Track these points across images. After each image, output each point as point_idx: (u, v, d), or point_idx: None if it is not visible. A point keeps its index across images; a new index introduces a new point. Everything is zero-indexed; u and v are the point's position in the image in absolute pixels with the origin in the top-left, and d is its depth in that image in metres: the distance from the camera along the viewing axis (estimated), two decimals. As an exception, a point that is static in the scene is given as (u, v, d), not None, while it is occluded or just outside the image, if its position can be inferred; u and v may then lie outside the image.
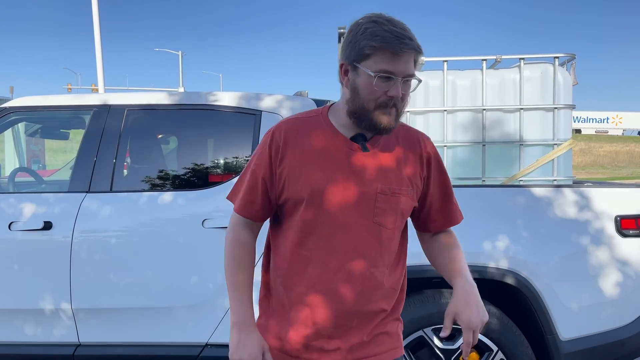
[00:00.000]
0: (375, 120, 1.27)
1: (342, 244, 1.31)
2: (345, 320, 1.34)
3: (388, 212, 1.33)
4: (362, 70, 1.25)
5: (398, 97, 1.25)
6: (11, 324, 2.50)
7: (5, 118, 2.73)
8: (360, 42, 1.24)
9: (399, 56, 1.22)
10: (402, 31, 1.23)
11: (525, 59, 2.78)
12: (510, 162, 2.77)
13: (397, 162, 1.35)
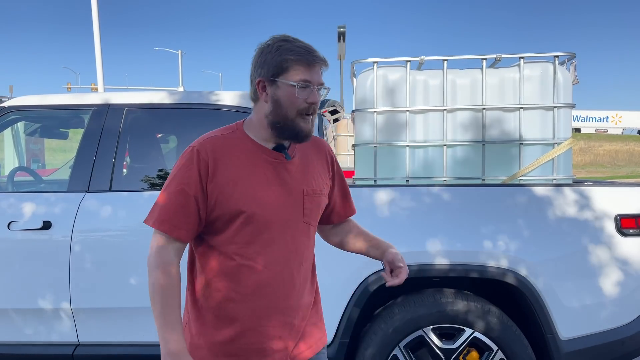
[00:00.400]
0: (297, 128, 1.40)
1: (281, 247, 1.42)
2: (291, 317, 1.45)
3: (313, 211, 1.49)
4: (282, 83, 1.37)
5: (317, 103, 1.40)
6: (11, 324, 2.50)
7: (5, 117, 2.72)
8: (276, 59, 1.37)
9: (312, 67, 1.38)
10: (310, 46, 1.41)
11: (525, 58, 2.77)
12: (510, 161, 2.77)
13: (313, 166, 1.51)
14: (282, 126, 1.40)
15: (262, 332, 1.42)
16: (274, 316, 1.42)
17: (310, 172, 1.50)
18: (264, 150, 1.44)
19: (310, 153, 1.53)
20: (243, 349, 1.42)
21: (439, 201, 2.45)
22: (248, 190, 1.39)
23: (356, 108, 2.87)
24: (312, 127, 1.42)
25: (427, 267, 2.37)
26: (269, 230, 1.41)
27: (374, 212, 2.45)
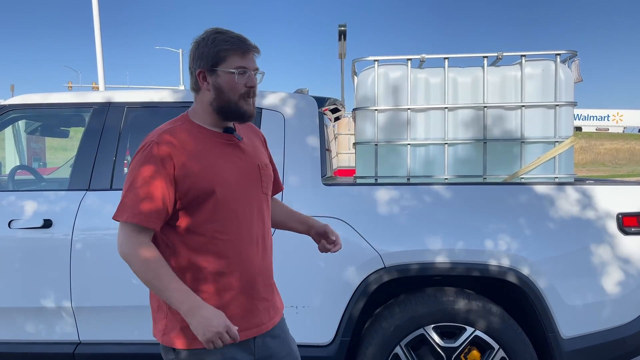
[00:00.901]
0: (241, 110, 1.54)
1: (251, 218, 1.56)
2: (268, 278, 1.62)
3: (268, 182, 1.65)
4: (221, 72, 1.51)
5: (255, 86, 1.54)
6: (12, 323, 2.50)
7: (5, 116, 2.72)
8: (213, 50, 1.50)
9: (247, 54, 1.52)
10: (241, 35, 1.54)
11: (527, 56, 2.76)
12: (512, 159, 2.76)
13: (256, 145, 1.69)
14: (227, 110, 1.54)
15: (251, 293, 1.55)
16: (256, 279, 1.56)
17: (257, 149, 1.67)
18: (216, 134, 1.57)
19: (250, 134, 1.71)
20: (237, 313, 1.52)
21: (440, 200, 2.45)
22: (213, 170, 1.50)
23: (357, 106, 2.86)
24: (254, 107, 1.57)
25: (429, 265, 2.37)
26: (239, 203, 1.53)
27: (375, 210, 2.44)
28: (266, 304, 1.59)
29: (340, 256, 2.41)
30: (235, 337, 1.39)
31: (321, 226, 1.76)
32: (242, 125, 1.68)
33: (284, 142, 2.59)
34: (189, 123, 1.56)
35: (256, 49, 1.55)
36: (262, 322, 1.57)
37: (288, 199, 2.48)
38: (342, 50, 14.67)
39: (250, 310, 1.55)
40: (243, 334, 1.52)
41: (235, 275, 1.51)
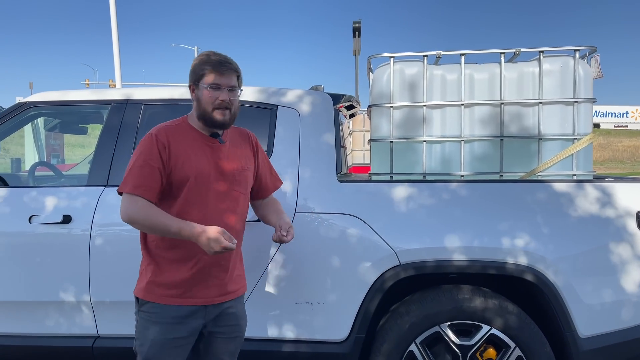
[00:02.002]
0: (214, 119, 1.89)
1: (217, 208, 1.91)
2: (225, 260, 1.94)
3: (242, 183, 1.99)
4: (201, 86, 1.89)
5: (226, 100, 1.87)
6: (32, 316, 2.54)
7: (26, 113, 2.76)
8: (197, 69, 1.89)
9: (222, 74, 1.87)
10: (224, 58, 1.89)
11: (545, 51, 2.72)
12: (529, 156, 2.73)
13: (240, 150, 2.03)
14: (204, 118, 1.90)
15: (203, 270, 1.90)
16: (212, 259, 1.90)
17: (239, 154, 2.01)
18: (203, 136, 1.94)
19: (239, 140, 2.05)
20: (189, 282, 1.89)
21: (456, 197, 2.43)
22: (193, 163, 1.88)
23: (372, 103, 2.85)
24: (227, 118, 1.90)
25: (445, 263, 2.36)
26: (208, 193, 1.89)
27: (390, 207, 2.44)
28: (217, 282, 1.93)
29: (355, 253, 2.41)
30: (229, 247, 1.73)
31: (285, 221, 2.04)
32: (234, 131, 2.03)
33: (299, 138, 2.60)
34: (186, 124, 1.95)
35: (234, 71, 1.89)
36: (209, 295, 1.92)
37: (303, 195, 2.49)
38: (356, 47, 14.63)
39: (201, 284, 1.90)
40: (193, 300, 1.90)
41: (190, 252, 1.87)
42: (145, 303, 1.91)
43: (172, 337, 1.88)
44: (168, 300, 1.88)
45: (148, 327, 1.89)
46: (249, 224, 2.45)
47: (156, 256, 1.91)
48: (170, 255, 1.89)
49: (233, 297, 2.00)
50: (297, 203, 2.48)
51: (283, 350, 2.46)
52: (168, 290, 1.89)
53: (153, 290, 1.90)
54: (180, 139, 1.90)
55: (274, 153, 2.58)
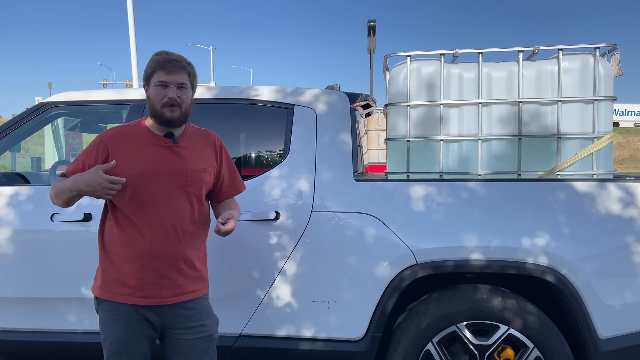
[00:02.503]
0: (162, 115, 1.89)
1: (165, 209, 1.89)
2: (177, 261, 1.90)
3: (195, 184, 1.94)
4: (151, 84, 1.90)
5: (174, 97, 1.87)
6: (56, 312, 2.59)
7: (47, 112, 2.81)
8: (147, 68, 1.92)
9: (169, 72, 1.87)
10: (172, 56, 1.90)
11: (564, 49, 2.69)
12: (548, 155, 2.70)
13: (199, 151, 1.99)
14: (155, 116, 1.91)
15: (154, 270, 1.87)
16: (161, 259, 1.88)
17: (197, 154, 1.98)
18: (155, 136, 1.94)
19: (200, 141, 2.02)
20: (141, 282, 1.88)
21: (474, 196, 2.42)
22: (137, 166, 1.88)
23: (389, 102, 2.85)
24: (177, 115, 1.90)
25: (464, 262, 2.35)
26: (155, 195, 1.88)
27: (407, 206, 2.43)
28: (170, 283, 1.90)
29: (372, 252, 2.41)
30: (117, 180, 1.76)
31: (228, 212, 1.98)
32: (196, 133, 2.03)
33: (316, 138, 2.60)
34: (140, 125, 1.97)
35: (181, 69, 1.89)
36: (163, 295, 1.90)
37: (320, 194, 2.50)
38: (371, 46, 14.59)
39: (152, 284, 1.88)
40: (145, 300, 1.89)
41: (140, 251, 1.87)
42: (102, 301, 1.92)
43: (130, 333, 1.89)
44: (122, 299, 1.88)
45: (107, 325, 1.91)
46: (266, 223, 2.47)
47: (109, 252, 1.92)
48: (122, 252, 1.89)
49: (190, 298, 1.95)
50: (313, 202, 2.49)
51: (300, 348, 2.47)
52: (121, 288, 1.89)
53: (107, 288, 1.90)
54: (128, 140, 1.92)
55: (290, 152, 2.59)
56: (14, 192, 2.63)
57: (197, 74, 2.00)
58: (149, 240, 1.86)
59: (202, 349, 1.97)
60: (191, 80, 1.94)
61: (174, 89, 1.88)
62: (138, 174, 1.87)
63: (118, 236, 1.89)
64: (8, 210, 2.59)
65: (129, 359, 1.90)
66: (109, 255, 1.92)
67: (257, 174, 2.59)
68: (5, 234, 2.56)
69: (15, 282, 2.57)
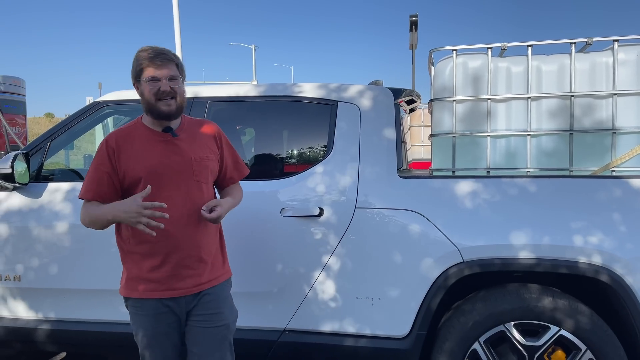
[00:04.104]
0: (159, 109, 1.92)
1: (178, 200, 1.92)
2: (196, 251, 1.95)
3: (202, 172, 1.99)
4: (142, 81, 1.92)
5: (167, 90, 1.90)
6: (107, 304, 2.68)
7: (100, 111, 2.91)
8: (134, 65, 1.94)
9: (158, 65, 1.90)
10: (158, 51, 1.92)
11: (620, 40, 2.58)
12: (602, 151, 2.60)
13: (200, 140, 2.03)
14: (151, 111, 1.93)
15: (174, 262, 1.92)
16: (180, 250, 1.92)
17: (198, 144, 2.01)
18: (155, 133, 1.97)
19: (199, 131, 2.05)
20: (163, 276, 1.92)
21: (522, 193, 2.35)
22: (144, 162, 1.91)
23: (434, 97, 2.81)
24: (173, 108, 1.93)
25: (512, 261, 2.29)
26: (167, 187, 1.91)
27: (452, 203, 2.39)
28: (192, 273, 1.95)
29: (417, 249, 2.38)
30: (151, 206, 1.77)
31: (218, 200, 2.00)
32: (193, 123, 2.06)
33: (360, 134, 2.60)
34: (139, 124, 2.00)
35: (170, 60, 1.91)
36: (186, 286, 1.94)
37: (364, 191, 2.49)
38: (413, 41, 14.39)
39: (174, 276, 1.92)
40: (170, 292, 1.92)
41: (160, 245, 1.91)
42: (128, 299, 1.98)
43: (158, 326, 1.94)
44: (146, 295, 1.92)
45: (136, 320, 1.97)
46: (310, 219, 2.48)
47: (129, 252, 1.95)
48: (141, 249, 1.92)
49: (210, 286, 1.99)
50: (357, 198, 2.48)
51: (344, 344, 2.48)
52: (145, 284, 1.92)
53: (132, 287, 1.94)
54: (132, 140, 1.94)
55: (334, 149, 2.59)
56: (70, 187, 2.74)
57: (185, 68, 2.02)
58: (166, 234, 1.89)
59: (216, 339, 1.98)
60: (180, 71, 1.96)
61: (166, 82, 1.90)
62: (147, 172, 1.90)
63: (135, 234, 1.92)
64: (65, 205, 2.70)
65: (160, 351, 1.96)
66: (128, 254, 1.96)
67: (301, 170, 2.61)
68: (63, 228, 2.68)
69: (70, 274, 2.69)
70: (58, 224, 2.69)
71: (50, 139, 2.85)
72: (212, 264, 2.01)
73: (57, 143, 2.89)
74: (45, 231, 2.69)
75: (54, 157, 2.99)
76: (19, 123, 7.18)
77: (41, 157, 2.83)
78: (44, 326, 2.72)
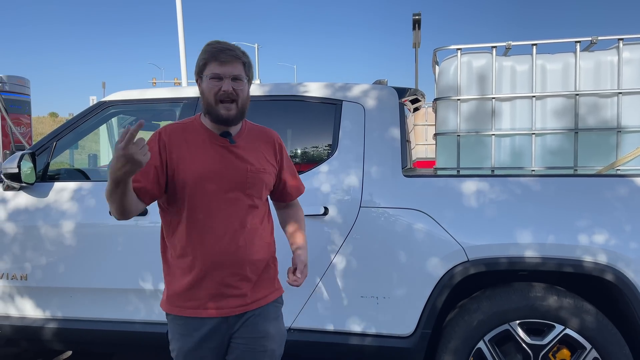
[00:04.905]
0: (217, 112, 1.71)
1: (225, 212, 1.73)
2: (240, 269, 1.75)
3: (256, 185, 1.78)
4: (204, 78, 1.72)
5: (229, 90, 1.68)
6: (114, 303, 2.70)
7: (106, 111, 2.93)
8: (198, 60, 1.73)
9: (223, 62, 1.68)
10: (225, 45, 1.71)
11: (625, 39, 2.58)
12: (607, 150, 2.59)
13: (258, 150, 1.82)
14: (210, 113, 1.74)
15: (218, 279, 1.73)
16: (223, 268, 1.73)
17: (256, 154, 1.81)
18: (213, 135, 1.77)
19: (259, 140, 1.85)
20: (204, 294, 1.74)
21: (527, 192, 2.36)
22: (194, 165, 1.72)
23: (438, 96, 2.81)
24: (233, 112, 1.72)
25: (518, 260, 2.29)
26: (214, 199, 1.72)
27: (457, 202, 2.40)
28: (235, 292, 1.75)
29: (422, 248, 2.39)
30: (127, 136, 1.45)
31: (296, 256, 1.88)
32: (254, 130, 1.86)
33: (365, 133, 2.60)
34: (197, 122, 1.80)
35: (237, 57, 1.70)
36: (229, 306, 1.75)
37: (369, 190, 2.50)
38: (416, 40, 14.39)
39: (218, 294, 1.74)
40: (211, 312, 1.74)
41: (202, 261, 1.72)
42: (169, 315, 1.81)
43: (198, 348, 1.75)
44: (188, 312, 1.75)
45: (174, 337, 1.80)
46: (315, 218, 2.49)
47: (172, 266, 1.79)
48: (181, 264, 1.76)
49: (257, 306, 1.80)
50: (362, 198, 2.49)
51: (349, 343, 2.48)
52: (186, 301, 1.75)
53: (173, 302, 1.78)
54: (185, 139, 1.75)
55: (339, 148, 2.60)
56: (76, 187, 2.76)
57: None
58: (210, 248, 1.72)
59: None
60: (247, 71, 1.74)
61: (228, 81, 1.68)
62: (194, 177, 1.71)
63: (178, 246, 1.75)
64: (71, 204, 2.72)
65: None
66: (170, 267, 1.79)
67: (305, 169, 2.62)
68: (69, 227, 2.70)
69: (77, 273, 2.70)
70: (64, 223, 2.70)
71: (56, 139, 2.87)
72: (259, 282, 1.81)
73: (62, 143, 2.90)
74: (51, 230, 2.71)
75: (58, 156, 3.01)
76: (24, 123, 7.20)
77: (47, 157, 2.85)
78: (50, 325, 2.74)
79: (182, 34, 9.88)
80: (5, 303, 2.82)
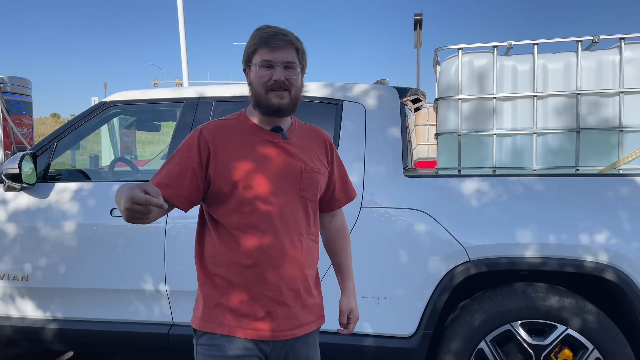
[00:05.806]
0: (268, 102, 1.51)
1: (279, 218, 1.51)
2: (294, 285, 1.53)
3: (311, 187, 1.58)
4: (252, 66, 1.53)
5: (280, 79, 1.49)
6: (114, 303, 2.70)
7: (107, 111, 2.93)
8: (247, 47, 1.54)
9: (275, 48, 1.49)
10: (277, 30, 1.52)
11: (626, 38, 2.57)
12: (609, 149, 2.59)
13: (310, 148, 1.61)
14: (260, 104, 1.53)
15: (268, 295, 1.50)
16: (277, 281, 1.50)
17: (309, 152, 1.60)
18: (262, 131, 1.57)
19: (310, 138, 1.64)
20: (252, 309, 1.50)
21: (528, 191, 2.35)
22: (244, 166, 1.51)
23: (440, 96, 2.80)
24: (286, 101, 1.52)
25: (519, 260, 2.29)
26: (266, 202, 1.51)
27: (458, 202, 2.39)
28: (285, 312, 1.52)
29: (423, 248, 2.38)
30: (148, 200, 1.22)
31: (345, 303, 1.75)
32: (305, 127, 1.66)
33: (365, 133, 2.59)
34: (243, 117, 1.60)
35: (290, 42, 1.51)
36: (279, 328, 1.52)
37: (370, 190, 2.49)
38: (417, 40, 14.39)
39: (266, 313, 1.50)
40: (256, 333, 1.50)
41: (250, 272, 1.50)
42: (203, 334, 1.53)
43: None
44: (227, 330, 1.50)
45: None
46: (316, 218, 2.48)
47: (211, 274, 1.54)
48: (228, 273, 1.52)
49: (305, 332, 1.57)
50: (363, 198, 2.48)
51: (349, 343, 2.48)
52: (228, 317, 1.51)
53: (210, 318, 1.52)
54: (232, 137, 1.55)
55: (340, 148, 2.59)
56: (77, 187, 2.76)
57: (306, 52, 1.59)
58: (260, 258, 1.49)
59: None
60: (300, 59, 1.54)
61: (280, 69, 1.49)
62: (242, 177, 1.50)
63: (222, 254, 1.52)
64: (72, 205, 2.72)
65: None
66: (211, 277, 1.54)
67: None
68: (70, 228, 2.70)
69: (78, 273, 2.70)
70: (65, 223, 2.70)
71: (57, 139, 2.87)
72: (311, 304, 1.60)
73: (64, 143, 2.90)
74: (52, 231, 2.71)
75: (59, 157, 3.01)
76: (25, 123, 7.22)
77: (48, 158, 2.85)
78: (51, 325, 2.74)
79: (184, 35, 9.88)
80: (6, 304, 2.82)
